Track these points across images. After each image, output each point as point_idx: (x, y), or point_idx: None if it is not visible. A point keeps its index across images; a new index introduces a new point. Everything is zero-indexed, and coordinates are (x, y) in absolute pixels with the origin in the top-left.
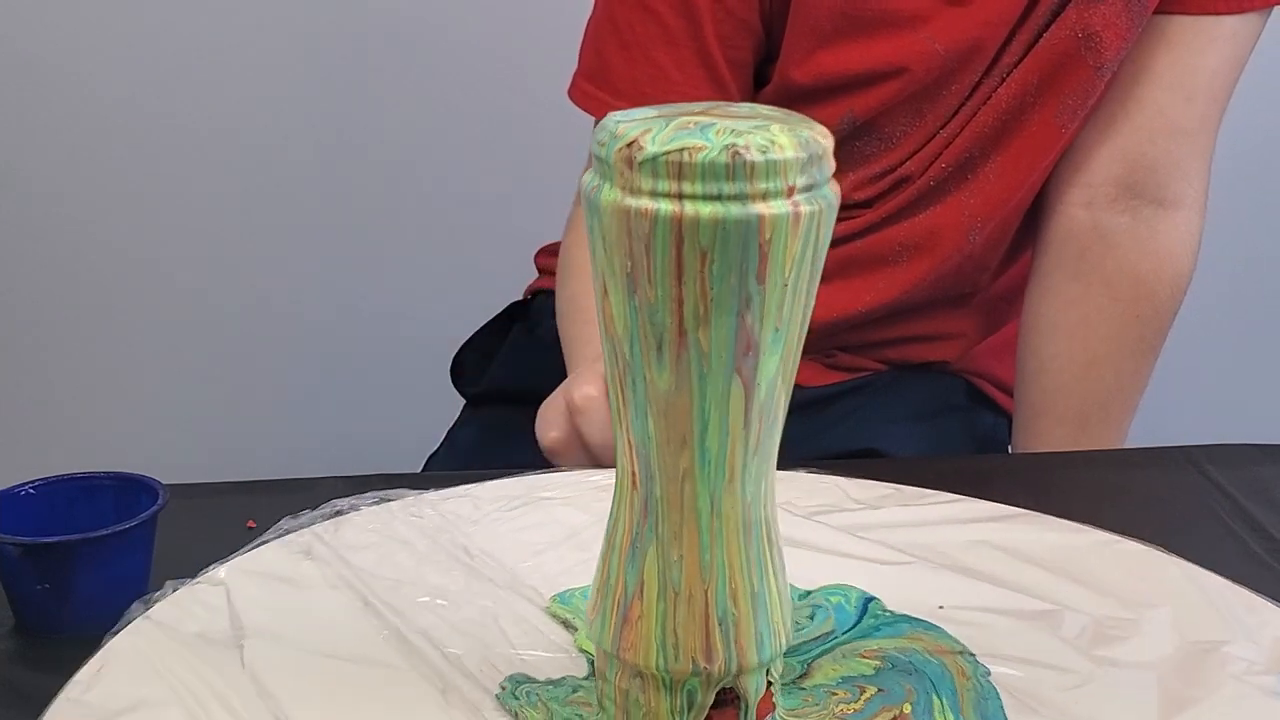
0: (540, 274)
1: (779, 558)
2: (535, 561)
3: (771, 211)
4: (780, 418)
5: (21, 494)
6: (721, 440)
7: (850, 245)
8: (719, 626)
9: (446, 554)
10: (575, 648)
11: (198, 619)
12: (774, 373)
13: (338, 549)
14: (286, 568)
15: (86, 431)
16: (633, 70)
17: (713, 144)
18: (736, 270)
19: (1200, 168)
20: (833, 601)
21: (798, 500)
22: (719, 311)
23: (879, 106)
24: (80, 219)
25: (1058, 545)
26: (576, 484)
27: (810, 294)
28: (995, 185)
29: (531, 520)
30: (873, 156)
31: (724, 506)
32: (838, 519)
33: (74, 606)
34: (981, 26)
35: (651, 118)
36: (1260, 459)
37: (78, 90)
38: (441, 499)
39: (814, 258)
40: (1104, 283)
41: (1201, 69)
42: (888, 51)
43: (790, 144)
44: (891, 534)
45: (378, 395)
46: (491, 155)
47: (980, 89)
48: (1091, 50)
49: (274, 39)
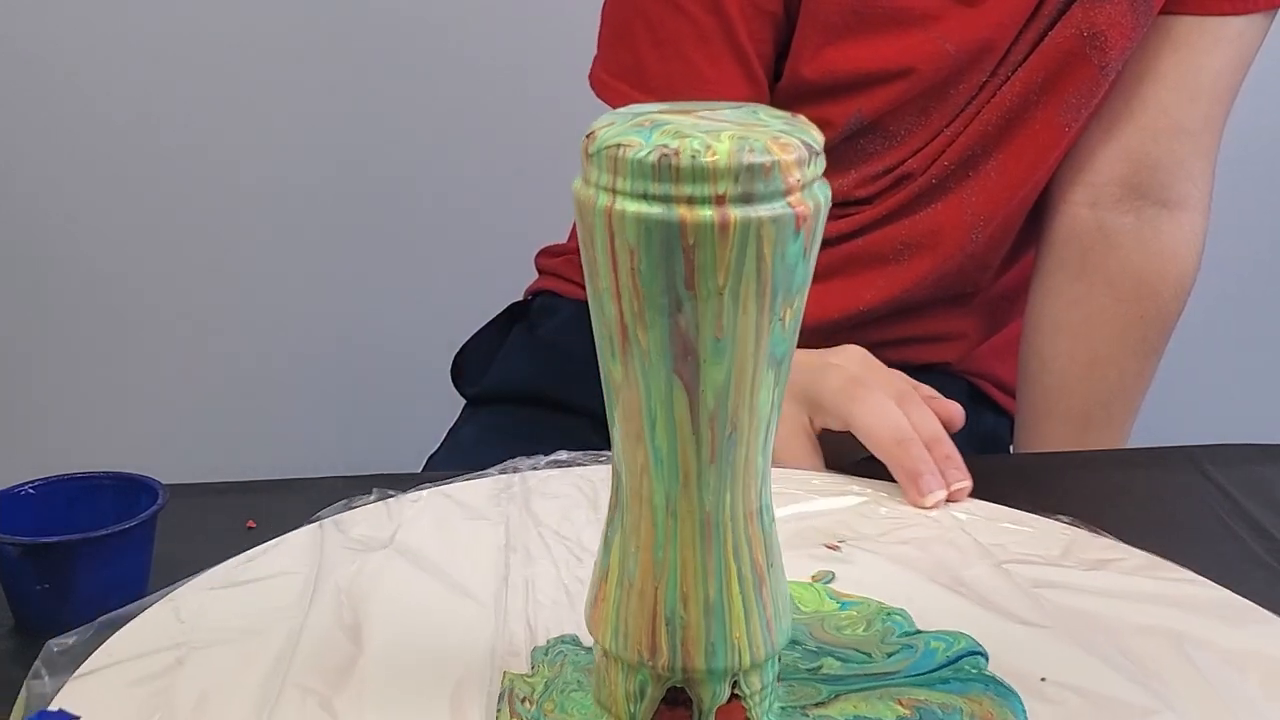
0: (540, 275)
1: (756, 573)
2: None
3: (695, 217)
4: (747, 432)
5: (21, 494)
6: (670, 441)
7: (851, 243)
8: (665, 625)
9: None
10: None
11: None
12: (723, 384)
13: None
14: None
15: (86, 431)
16: (666, 68)
17: (648, 143)
18: (664, 272)
19: (1204, 168)
20: (931, 645)
21: (1012, 544)
22: (652, 310)
23: (887, 106)
24: (80, 219)
25: (1247, 652)
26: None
27: (770, 309)
28: (998, 183)
29: None
30: (876, 154)
31: (679, 507)
32: (1030, 571)
33: (74, 606)
34: (993, 28)
35: (653, 113)
36: (1260, 459)
37: (79, 91)
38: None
39: (761, 270)
40: (1107, 283)
41: (1206, 69)
42: (897, 51)
43: (727, 151)
44: (1064, 595)
45: (378, 395)
46: (492, 156)
47: (985, 87)
48: (1096, 49)
49: (274, 41)
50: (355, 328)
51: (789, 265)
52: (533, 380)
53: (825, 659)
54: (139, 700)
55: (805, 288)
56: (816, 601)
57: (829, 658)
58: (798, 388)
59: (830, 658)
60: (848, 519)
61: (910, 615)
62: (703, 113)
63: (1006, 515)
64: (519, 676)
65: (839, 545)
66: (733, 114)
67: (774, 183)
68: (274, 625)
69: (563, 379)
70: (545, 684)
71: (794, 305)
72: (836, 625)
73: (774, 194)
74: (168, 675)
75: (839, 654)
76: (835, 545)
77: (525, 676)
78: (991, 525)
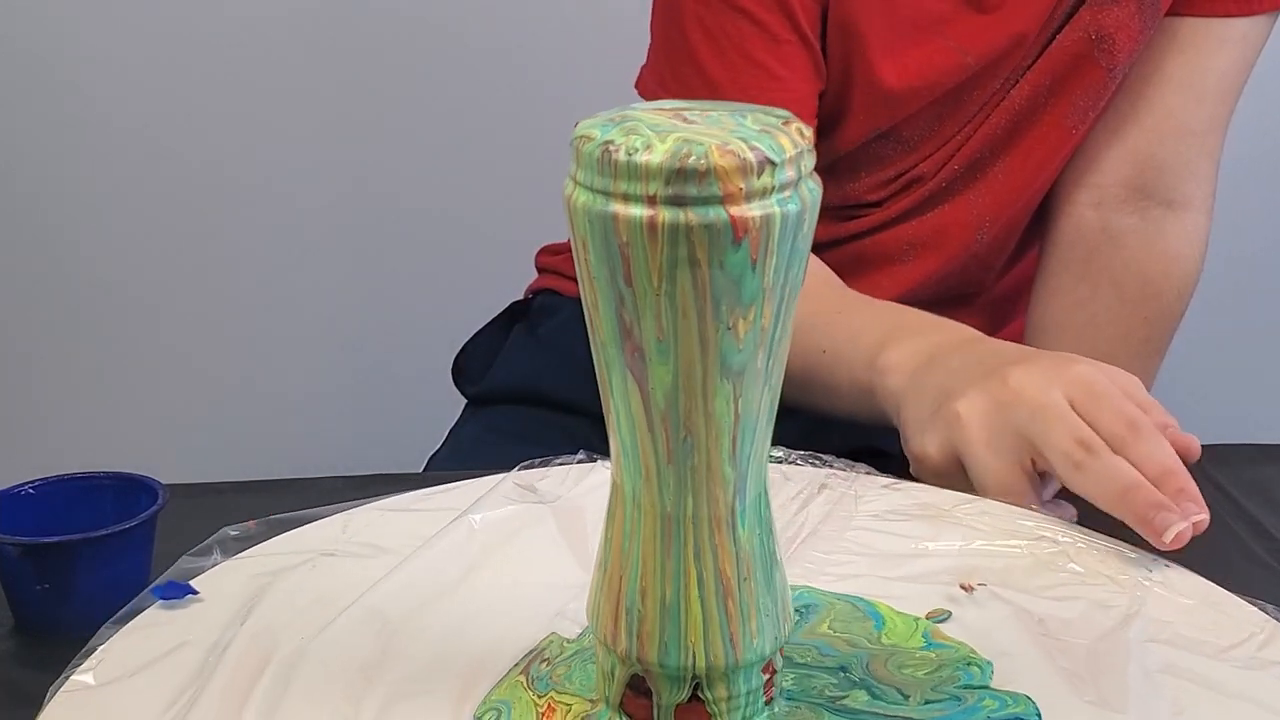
0: (541, 274)
1: (720, 582)
2: None
3: (626, 214)
4: (705, 438)
5: (21, 494)
6: (631, 434)
7: (859, 243)
8: (625, 615)
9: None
10: None
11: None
12: (671, 385)
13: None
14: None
15: (86, 431)
16: (734, 74)
17: (597, 137)
18: (607, 266)
19: (1209, 169)
20: (983, 702)
21: (1182, 623)
22: (604, 302)
23: (905, 116)
24: (80, 219)
25: None
26: None
27: (715, 317)
28: (1005, 185)
29: None
30: (890, 159)
31: (643, 501)
32: (1169, 654)
33: (74, 606)
34: (1011, 38)
35: (643, 109)
36: (1260, 459)
37: (80, 91)
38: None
39: (697, 276)
40: (1112, 284)
41: (1211, 70)
42: (918, 62)
43: (663, 152)
44: (1197, 689)
45: (378, 395)
46: (492, 155)
47: (996, 92)
48: (1104, 52)
49: (274, 39)
50: (356, 327)
51: (731, 275)
52: (534, 380)
53: (857, 691)
54: (249, 591)
55: (766, 300)
56: (905, 636)
57: (862, 691)
58: (1018, 429)
59: (864, 691)
60: (1017, 564)
61: (993, 669)
62: (697, 112)
63: (1204, 591)
64: (559, 639)
65: (974, 587)
66: (725, 116)
67: (709, 188)
68: (411, 548)
69: (563, 378)
70: (575, 651)
71: (749, 317)
72: (901, 663)
73: (709, 199)
74: (290, 575)
75: (876, 690)
76: (969, 586)
77: (566, 640)
78: (1172, 600)
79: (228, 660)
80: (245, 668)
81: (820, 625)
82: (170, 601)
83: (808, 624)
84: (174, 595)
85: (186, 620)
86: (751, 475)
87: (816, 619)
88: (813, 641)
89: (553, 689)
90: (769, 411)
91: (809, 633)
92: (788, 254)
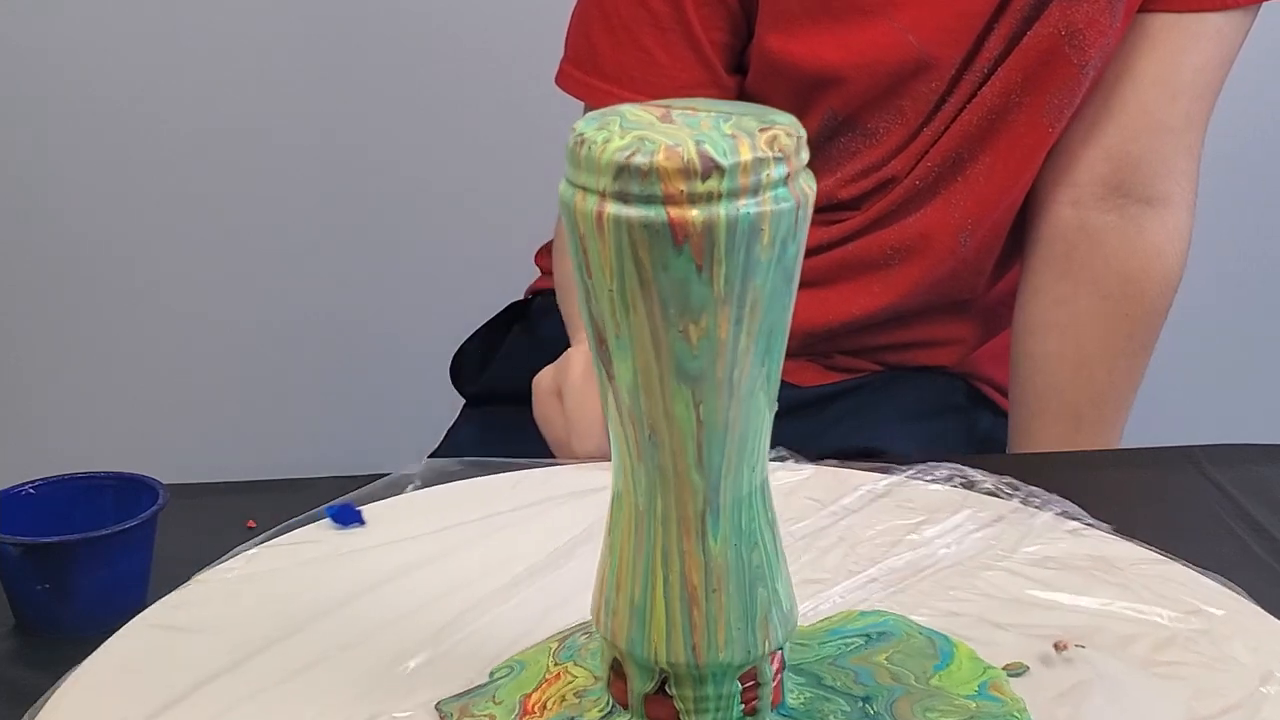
0: (540, 274)
1: (686, 590)
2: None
3: (582, 206)
4: (669, 441)
5: (21, 494)
6: (613, 425)
7: (841, 249)
8: (605, 604)
9: None
10: None
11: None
12: (632, 382)
13: None
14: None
15: (86, 431)
16: (620, 55)
17: (579, 129)
18: (575, 255)
19: (1188, 166)
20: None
21: None
22: (579, 290)
23: (857, 100)
24: (80, 219)
25: None
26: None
27: (665, 319)
28: (984, 186)
29: None
30: (856, 153)
31: (622, 494)
32: None
33: (74, 606)
34: (955, 18)
35: (634, 109)
36: (1260, 459)
37: (80, 92)
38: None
39: (642, 276)
40: (1092, 281)
41: (1185, 66)
42: (861, 42)
43: (613, 148)
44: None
45: (378, 395)
46: (491, 155)
47: (961, 86)
48: (1075, 48)
49: (273, 38)
50: (355, 327)
51: (676, 279)
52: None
53: None
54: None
55: (720, 309)
56: (960, 682)
57: None
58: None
59: None
60: (1143, 632)
61: None
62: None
63: None
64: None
65: (1068, 646)
66: (708, 116)
67: (651, 187)
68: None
69: None
70: None
71: (701, 324)
72: (932, 707)
73: (650, 199)
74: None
75: None
76: (1064, 645)
77: None
78: None
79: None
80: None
81: (878, 654)
82: (340, 526)
83: (866, 651)
84: (346, 520)
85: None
86: (726, 487)
87: (880, 647)
88: (858, 667)
89: (572, 660)
90: (746, 425)
91: (862, 659)
92: (742, 263)
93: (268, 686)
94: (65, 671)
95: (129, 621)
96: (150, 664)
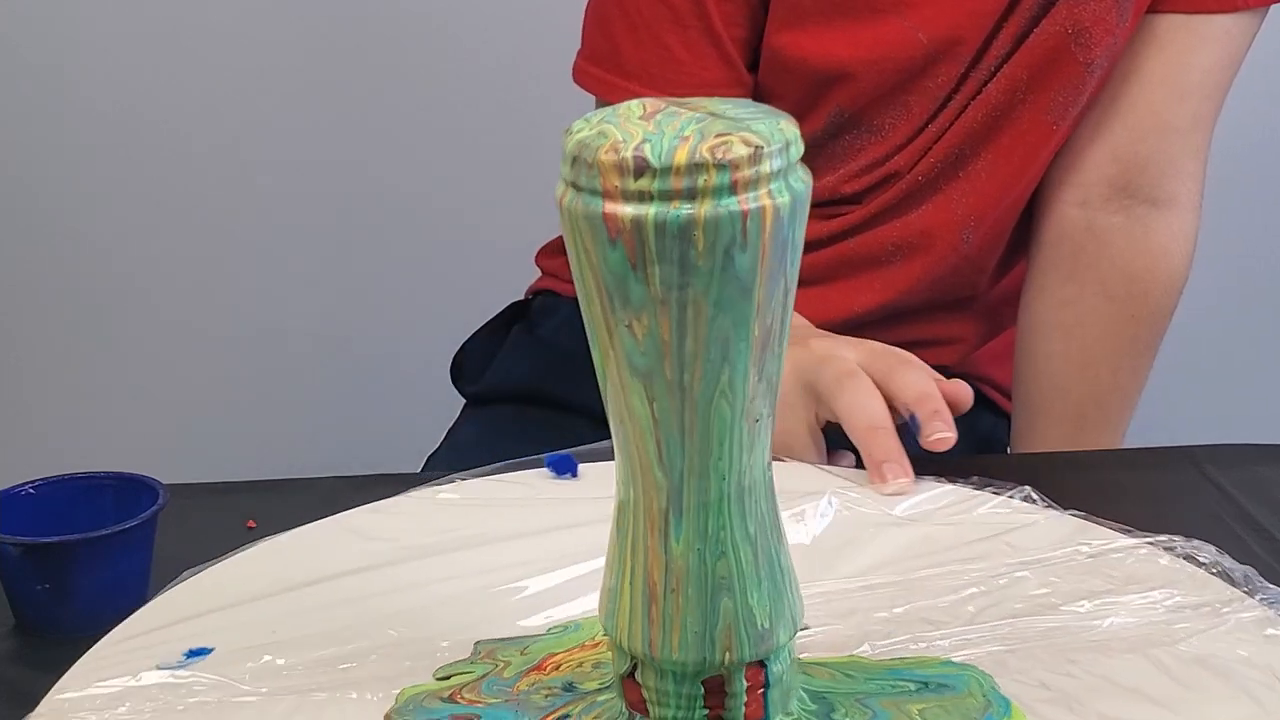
0: (541, 274)
1: (648, 585)
2: None
3: (559, 191)
4: (631, 432)
5: (21, 494)
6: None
7: (842, 244)
8: (602, 583)
9: None
10: None
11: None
12: (600, 368)
13: None
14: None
15: (86, 431)
16: (641, 52)
17: (578, 127)
18: (572, 246)
19: (1194, 167)
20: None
21: None
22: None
23: (865, 97)
24: (80, 220)
25: None
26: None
27: (610, 310)
28: (987, 183)
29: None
30: (861, 149)
31: (614, 478)
32: None
33: (74, 606)
34: (966, 16)
35: (666, 100)
36: (1260, 459)
37: (80, 91)
38: None
39: (590, 266)
40: (1098, 282)
41: (1193, 67)
42: (871, 39)
43: (575, 140)
44: None
45: (378, 395)
46: (492, 155)
47: (968, 82)
48: (1081, 46)
49: (272, 40)
50: (355, 327)
51: (614, 273)
52: (532, 380)
53: None
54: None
55: (659, 311)
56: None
57: None
58: (804, 378)
59: None
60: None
61: None
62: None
63: None
64: None
65: None
66: (691, 113)
67: (593, 181)
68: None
69: (563, 379)
70: None
71: (643, 321)
72: None
73: (593, 191)
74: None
75: None
76: None
77: None
78: None
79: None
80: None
81: (917, 704)
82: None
83: (909, 698)
84: (564, 470)
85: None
86: (690, 489)
87: (926, 698)
88: (884, 710)
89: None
90: (708, 431)
91: (894, 704)
92: (676, 265)
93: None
94: (65, 671)
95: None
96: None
